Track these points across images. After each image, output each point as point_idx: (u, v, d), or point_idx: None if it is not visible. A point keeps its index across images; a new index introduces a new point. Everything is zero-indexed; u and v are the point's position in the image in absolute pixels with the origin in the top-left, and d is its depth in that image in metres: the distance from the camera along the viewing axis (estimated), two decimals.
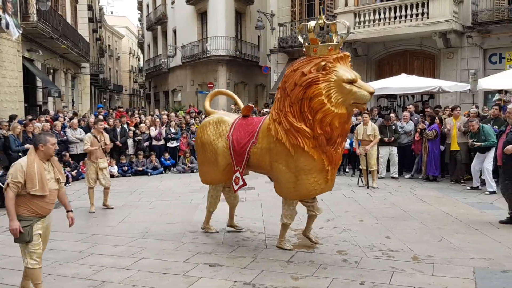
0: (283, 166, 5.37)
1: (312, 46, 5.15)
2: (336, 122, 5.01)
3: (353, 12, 16.83)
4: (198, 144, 6.41)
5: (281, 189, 5.60)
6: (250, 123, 5.92)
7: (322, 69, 4.91)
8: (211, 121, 6.27)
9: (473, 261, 5.24)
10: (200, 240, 6.34)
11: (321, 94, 4.89)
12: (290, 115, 5.13)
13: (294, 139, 5.14)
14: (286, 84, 5.22)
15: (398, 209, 8.02)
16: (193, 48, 26.81)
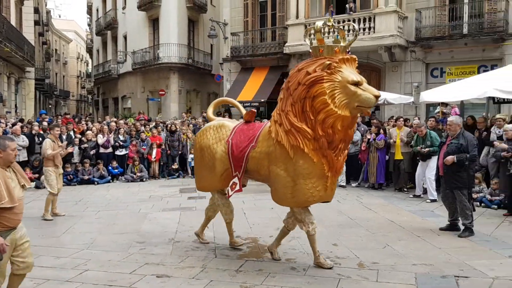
0: (281, 169, 5.17)
1: (319, 46, 5.04)
2: (339, 125, 4.82)
3: (304, 24, 17.21)
4: (197, 148, 6.20)
5: (278, 195, 5.35)
6: (251, 128, 5.76)
7: (327, 68, 4.76)
8: (211, 125, 6.13)
9: (415, 267, 5.45)
10: (148, 251, 6.22)
11: (325, 93, 4.74)
12: (291, 114, 4.97)
13: (294, 140, 4.96)
14: (289, 84, 5.09)
15: (345, 216, 8.23)
16: (144, 54, 26.40)
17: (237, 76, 20.57)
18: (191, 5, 25.56)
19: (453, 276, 5.12)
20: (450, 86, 12.10)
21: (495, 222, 7.72)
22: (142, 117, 17.09)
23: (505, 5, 14.23)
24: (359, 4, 16.76)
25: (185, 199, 10.13)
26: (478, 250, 6.15)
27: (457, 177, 6.90)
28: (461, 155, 6.81)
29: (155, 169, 13.78)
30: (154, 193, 11.00)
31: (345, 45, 5.03)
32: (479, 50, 15.05)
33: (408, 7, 16.25)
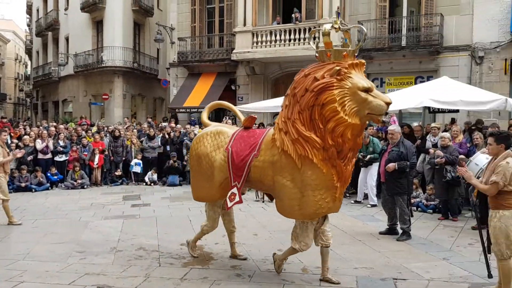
0: (288, 180, 4.85)
1: (326, 50, 4.76)
2: (349, 133, 4.57)
3: (251, 32, 17.38)
4: (193, 156, 5.79)
5: (284, 207, 5.03)
6: (252, 135, 5.40)
7: (336, 74, 4.50)
8: (209, 132, 5.75)
9: (356, 270, 5.62)
10: (89, 261, 6.01)
11: (335, 100, 4.48)
12: (299, 122, 4.67)
13: (302, 150, 4.68)
14: (295, 90, 4.76)
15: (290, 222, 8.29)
16: (87, 57, 25.57)
17: (184, 82, 20.39)
18: (137, 8, 25.10)
19: (391, 279, 5.33)
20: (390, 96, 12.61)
21: (431, 226, 8.12)
22: (84, 121, 16.51)
23: (440, 20, 15.09)
24: (305, 14, 17.15)
25: (129, 207, 9.89)
26: (415, 253, 6.44)
27: (398, 183, 7.19)
28: (402, 163, 7.12)
29: (97, 176, 13.34)
30: (95, 201, 10.64)
31: (353, 49, 4.79)
32: (416, 62, 15.84)
33: (351, 19, 16.82)
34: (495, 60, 14.75)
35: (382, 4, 16.29)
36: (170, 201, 10.54)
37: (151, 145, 13.86)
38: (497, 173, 4.51)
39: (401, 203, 7.20)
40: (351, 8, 16.91)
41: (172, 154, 13.30)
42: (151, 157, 13.85)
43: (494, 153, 4.72)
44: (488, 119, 13.40)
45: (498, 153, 4.66)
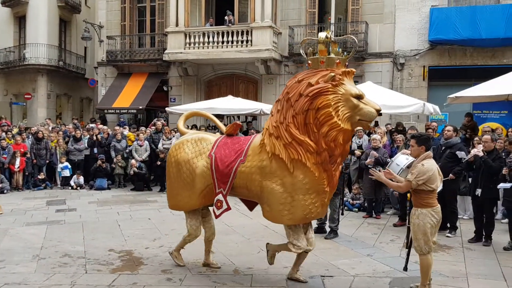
0: (278, 185, 4.85)
1: (320, 57, 4.87)
2: (341, 138, 4.67)
3: (183, 32, 17.20)
4: (172, 163, 5.56)
5: (272, 212, 4.98)
6: (236, 141, 5.34)
7: (331, 80, 4.63)
8: (189, 139, 5.60)
9: (286, 269, 5.74)
10: (8, 270, 5.67)
11: (330, 105, 4.58)
12: (293, 126, 4.71)
13: (295, 153, 4.71)
14: (289, 95, 4.81)
15: (222, 224, 8.34)
16: (8, 54, 24.02)
17: (113, 82, 19.75)
18: (63, 4, 23.92)
19: (319, 276, 5.53)
20: None
21: (356, 223, 8.51)
22: (5, 122, 15.47)
23: (365, 28, 15.84)
24: (238, 17, 17.28)
25: (53, 212, 9.42)
26: (341, 250, 6.73)
27: None
28: None
29: (18, 180, 12.57)
30: (16, 206, 10.03)
31: (345, 58, 4.94)
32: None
33: (282, 24, 17.19)
34: (415, 67, 15.72)
35: (312, 10, 16.79)
36: (98, 206, 10.18)
37: (77, 147, 13.30)
38: (412, 173, 4.83)
39: (335, 204, 7.44)
40: (282, 13, 17.26)
41: (100, 156, 12.86)
42: (77, 159, 13.29)
43: (416, 154, 5.01)
44: (408, 122, 14.27)
45: (419, 154, 4.96)
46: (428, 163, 4.83)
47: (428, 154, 4.94)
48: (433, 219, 4.82)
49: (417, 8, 15.55)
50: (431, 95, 15.32)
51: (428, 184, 4.75)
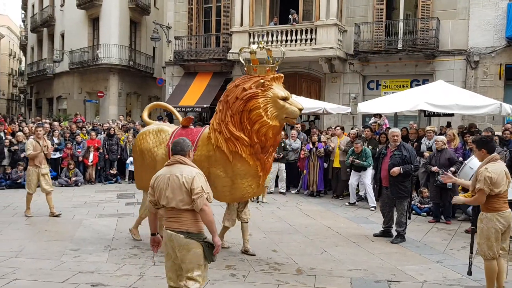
0: (221, 171, 5.85)
1: (253, 66, 5.82)
2: (270, 133, 5.67)
3: (248, 32, 17.36)
4: (137, 151, 6.69)
5: (217, 193, 5.83)
6: (190, 132, 6.26)
7: (261, 86, 5.55)
8: (151, 130, 6.62)
9: (350, 272, 5.64)
10: (83, 259, 5.98)
11: (259, 107, 5.54)
12: (231, 124, 5.67)
13: (233, 146, 5.68)
14: (228, 98, 5.77)
15: (284, 223, 8.36)
16: (83, 54, 25.46)
17: (180, 81, 20.34)
18: (134, 6, 25.01)
19: (386, 281, 5.35)
20: (385, 98, 12.69)
21: (424, 228, 8.16)
22: (80, 119, 16.41)
23: (436, 24, 15.15)
24: (302, 16, 17.17)
25: (123, 205, 9.85)
26: (409, 255, 6.47)
27: (402, 187, 7.15)
28: (407, 166, 7.07)
29: (91, 174, 13.28)
30: (89, 199, 10.59)
31: (274, 65, 5.82)
32: (412, 65, 15.90)
33: (348, 21, 16.86)
34: (490, 65, 14.82)
35: (379, 7, 16.34)
36: None
37: None
38: (479, 180, 4.62)
39: (402, 207, 7.20)
40: (348, 11, 16.93)
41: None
42: None
43: (480, 158, 4.86)
44: (483, 124, 13.50)
45: (483, 158, 4.77)
46: (493, 167, 4.61)
47: (493, 157, 4.70)
48: (498, 224, 4.61)
49: (494, 3, 14.65)
50: (507, 94, 14.38)
51: (493, 188, 4.54)
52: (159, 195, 3.80)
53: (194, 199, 3.67)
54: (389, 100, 11.97)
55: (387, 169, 7.18)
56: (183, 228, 3.71)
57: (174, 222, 3.76)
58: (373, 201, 9.83)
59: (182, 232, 3.70)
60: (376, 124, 12.15)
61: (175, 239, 3.71)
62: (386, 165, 7.24)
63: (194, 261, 3.71)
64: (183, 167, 3.82)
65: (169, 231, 3.76)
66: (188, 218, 3.72)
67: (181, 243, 3.68)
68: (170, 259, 3.82)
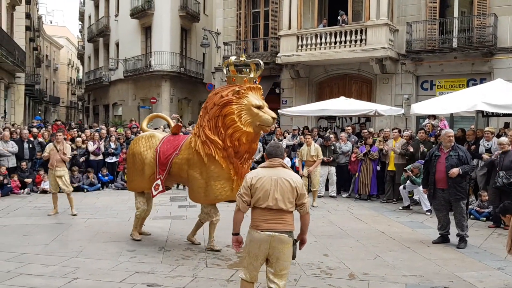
0: (197, 173, 6.27)
1: (232, 76, 6.17)
2: (244, 139, 5.93)
3: (296, 35, 17.34)
4: (129, 155, 7.17)
5: (193, 194, 6.48)
6: (177, 138, 6.83)
7: (236, 94, 5.86)
8: (144, 135, 7.14)
9: (405, 278, 5.48)
10: (138, 259, 6.18)
11: (233, 113, 5.86)
12: (207, 128, 6.07)
13: (208, 149, 6.04)
14: (207, 104, 6.20)
15: (335, 227, 8.25)
16: (136, 62, 26.39)
17: None
18: (184, 14, 25.65)
19: (443, 287, 5.15)
20: (440, 99, 12.24)
21: (484, 234, 7.80)
22: (135, 124, 16.98)
23: (494, 20, 14.49)
24: (351, 17, 16.94)
25: (176, 208, 10.09)
26: (468, 262, 6.20)
27: (460, 188, 6.92)
28: (465, 167, 6.85)
29: None
30: None
31: (253, 76, 6.11)
32: (469, 64, 15.28)
33: (399, 20, 16.47)
34: None
35: (432, 5, 15.85)
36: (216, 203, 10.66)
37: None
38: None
39: (461, 209, 6.95)
40: (400, 9, 16.54)
41: None
42: None
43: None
44: None
45: None
46: None
47: None
48: None
49: None
50: None
51: None
52: (263, 196, 3.91)
53: (304, 203, 4.01)
54: (444, 100, 11.53)
55: (444, 171, 6.91)
56: (287, 228, 3.94)
57: (277, 223, 3.91)
58: (427, 206, 9.50)
59: (286, 232, 3.92)
60: (430, 125, 11.75)
61: (277, 239, 3.88)
62: (442, 167, 6.97)
63: (288, 259, 3.95)
64: (290, 172, 4.06)
65: (270, 232, 3.89)
66: (290, 219, 3.99)
67: (284, 242, 3.90)
68: (258, 259, 3.96)
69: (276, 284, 3.90)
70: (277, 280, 3.91)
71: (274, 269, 3.93)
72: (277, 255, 3.89)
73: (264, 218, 3.92)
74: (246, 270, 4.02)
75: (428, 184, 7.31)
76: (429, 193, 7.32)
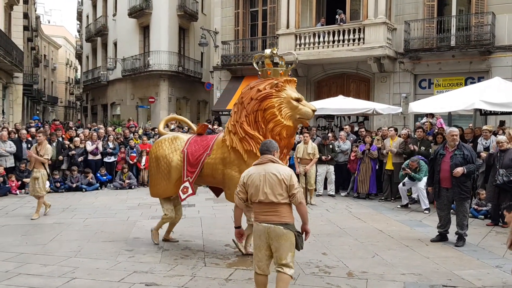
0: (235, 171, 5.95)
1: (267, 69, 6.03)
2: (284, 133, 5.78)
3: (294, 34, 17.33)
4: (152, 158, 6.73)
5: (232, 194, 5.88)
6: (204, 139, 6.54)
7: (275, 87, 5.74)
8: (166, 138, 6.78)
9: (403, 276, 5.49)
10: (137, 259, 6.17)
11: (274, 106, 5.71)
12: (245, 124, 5.85)
13: (248, 145, 5.83)
14: (243, 99, 5.98)
15: (334, 226, 8.26)
16: (134, 61, 26.36)
17: (227, 85, 20.61)
18: (182, 13, 25.63)
19: (441, 286, 5.17)
20: (438, 97, 12.25)
21: (482, 232, 7.81)
22: (133, 124, 16.99)
23: (491, 19, 14.50)
24: (349, 15, 16.93)
25: None
26: (466, 260, 6.21)
27: (464, 187, 6.91)
28: (470, 166, 6.84)
29: (144, 177, 13.69)
30: (142, 201, 10.93)
31: (287, 70, 6.09)
32: (466, 62, 15.29)
33: (397, 19, 16.47)
34: None
35: (430, 3, 15.85)
36: (214, 202, 10.63)
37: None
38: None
39: (464, 208, 6.95)
40: (398, 8, 16.54)
41: None
42: None
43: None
44: None
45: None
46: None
47: None
48: None
49: None
50: None
51: None
52: (254, 192, 4.15)
53: (294, 193, 4.11)
54: (442, 99, 11.55)
55: (448, 170, 6.90)
56: (282, 220, 4.10)
57: (272, 215, 4.12)
58: (426, 204, 9.52)
59: (281, 224, 4.09)
60: (428, 124, 11.76)
61: (273, 231, 4.09)
62: (446, 166, 6.96)
63: (288, 249, 4.11)
64: (277, 166, 4.22)
65: (266, 224, 4.12)
66: (285, 211, 4.13)
67: (280, 233, 4.08)
68: (261, 250, 4.19)
69: (281, 267, 4.15)
70: (281, 269, 4.16)
71: (276, 258, 4.18)
72: (276, 246, 4.10)
73: (261, 210, 4.18)
74: (254, 261, 4.29)
75: (433, 183, 7.29)
76: (434, 192, 7.31)
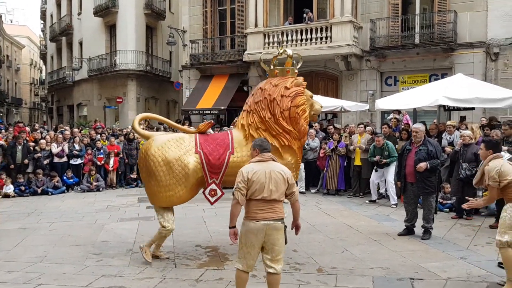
0: None
1: (275, 68, 6.36)
2: (307, 128, 6.32)
3: (262, 33, 17.38)
4: (159, 162, 5.74)
5: None
6: (216, 137, 6.19)
7: (301, 85, 6.13)
8: (170, 139, 5.94)
9: (372, 270, 5.58)
10: (105, 263, 6.05)
11: (304, 103, 6.11)
12: (282, 120, 5.98)
13: (285, 140, 6.01)
14: (271, 96, 6.03)
15: (304, 222, 8.26)
16: (101, 61, 25.85)
17: (197, 84, 20.48)
18: (149, 12, 25.29)
19: (408, 279, 5.27)
20: (404, 94, 12.52)
21: (448, 225, 8.02)
22: (100, 125, 16.65)
23: (453, 17, 14.92)
24: (316, 14, 17.10)
25: (144, 209, 9.93)
26: (432, 252, 6.37)
27: (429, 182, 7.06)
28: (433, 161, 6.98)
29: (112, 179, 13.45)
30: (111, 203, 10.73)
31: (293, 68, 6.37)
32: (430, 59, 15.69)
33: (363, 18, 16.74)
34: (511, 56, 14.52)
35: (395, 2, 16.18)
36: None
37: None
38: (485, 178, 5.02)
39: (430, 203, 7.12)
40: (363, 7, 16.81)
41: None
42: None
43: (484, 157, 5.28)
44: (505, 116, 13.22)
45: (486, 157, 5.17)
46: (493, 163, 4.98)
47: (495, 156, 5.09)
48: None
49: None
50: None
51: (502, 178, 4.84)
52: (259, 188, 4.21)
53: (294, 191, 4.39)
54: (407, 95, 11.82)
55: (412, 165, 7.07)
56: (279, 216, 4.28)
57: (270, 212, 4.25)
58: (394, 199, 9.72)
59: (279, 219, 4.26)
60: (395, 120, 12.00)
61: (272, 227, 4.23)
62: (411, 161, 7.13)
63: (282, 245, 4.30)
64: (279, 165, 4.44)
65: (266, 221, 4.22)
66: (281, 207, 4.34)
67: (279, 228, 4.26)
68: (254, 248, 4.27)
69: (274, 268, 4.26)
70: (274, 265, 4.27)
71: (271, 255, 4.27)
72: (273, 242, 4.23)
73: (258, 209, 4.24)
74: (244, 260, 4.31)
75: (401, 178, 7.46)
76: (400, 186, 7.49)
